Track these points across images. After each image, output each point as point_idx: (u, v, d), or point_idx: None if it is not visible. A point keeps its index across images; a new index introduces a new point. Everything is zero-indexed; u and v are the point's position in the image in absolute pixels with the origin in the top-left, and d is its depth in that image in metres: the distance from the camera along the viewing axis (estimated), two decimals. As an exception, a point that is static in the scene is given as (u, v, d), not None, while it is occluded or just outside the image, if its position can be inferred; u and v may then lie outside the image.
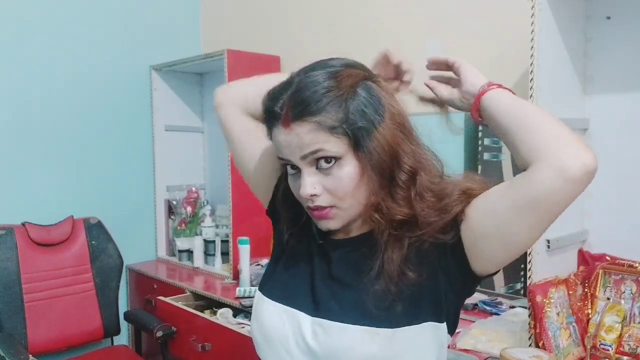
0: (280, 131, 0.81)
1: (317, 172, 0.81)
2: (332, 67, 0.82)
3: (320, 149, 0.79)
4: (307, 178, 0.81)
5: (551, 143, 0.73)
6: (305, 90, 0.80)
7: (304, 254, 0.94)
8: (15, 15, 2.46)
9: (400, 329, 0.81)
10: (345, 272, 0.88)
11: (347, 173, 0.80)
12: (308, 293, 0.89)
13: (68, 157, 2.64)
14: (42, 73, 2.54)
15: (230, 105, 1.03)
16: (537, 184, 0.72)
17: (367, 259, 0.85)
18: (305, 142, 0.79)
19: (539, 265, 1.46)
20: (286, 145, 0.81)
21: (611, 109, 1.58)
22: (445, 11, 1.99)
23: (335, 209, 0.83)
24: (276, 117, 0.82)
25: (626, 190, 1.56)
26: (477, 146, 1.82)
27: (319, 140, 0.79)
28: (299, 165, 0.82)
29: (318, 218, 0.84)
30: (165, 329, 2.19)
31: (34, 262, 2.34)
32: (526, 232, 0.76)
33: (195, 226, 2.85)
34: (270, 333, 0.89)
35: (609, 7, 1.56)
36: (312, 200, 0.82)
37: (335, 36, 2.37)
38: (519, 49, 1.53)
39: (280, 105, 0.81)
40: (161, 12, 2.94)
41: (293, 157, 0.81)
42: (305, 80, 0.81)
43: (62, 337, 2.36)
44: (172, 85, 2.95)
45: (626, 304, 1.48)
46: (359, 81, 0.82)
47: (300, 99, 0.79)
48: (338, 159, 0.80)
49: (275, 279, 0.96)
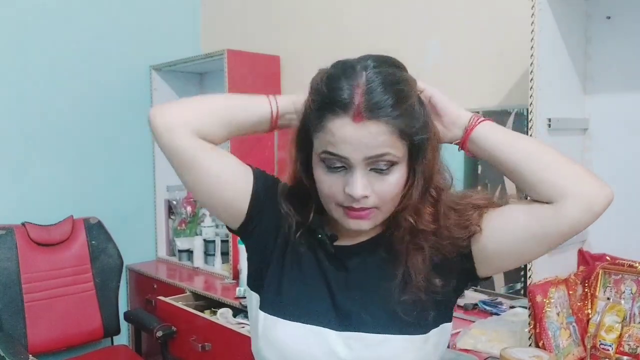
0: (346, 124, 0.74)
1: (369, 173, 0.77)
2: (397, 67, 0.80)
3: (388, 153, 0.76)
4: (361, 179, 0.76)
5: (574, 181, 0.80)
6: (386, 87, 0.75)
7: (310, 264, 0.88)
8: (16, 15, 2.46)
9: (430, 334, 0.85)
10: (367, 280, 0.86)
11: (397, 179, 0.78)
12: (330, 307, 0.85)
13: (68, 157, 2.64)
14: (42, 73, 2.54)
15: (182, 127, 0.86)
16: (565, 219, 0.79)
17: (388, 264, 0.85)
18: (376, 144, 0.75)
19: (539, 265, 1.46)
20: (350, 141, 0.74)
21: (611, 109, 1.58)
22: (445, 11, 1.99)
23: (376, 210, 0.80)
24: (343, 107, 0.74)
25: (626, 190, 1.56)
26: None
27: (389, 144, 0.75)
28: (354, 164, 0.76)
29: (354, 218, 0.80)
30: (165, 329, 2.19)
31: (34, 262, 2.34)
32: (541, 253, 0.85)
33: (195, 226, 2.85)
34: (293, 357, 0.83)
35: (609, 7, 1.56)
36: (358, 202, 0.77)
37: (336, 36, 2.37)
38: (519, 49, 1.53)
39: (351, 95, 0.74)
40: (161, 12, 2.94)
41: (354, 155, 0.75)
42: (380, 74, 0.76)
43: (62, 337, 2.36)
44: (172, 85, 2.94)
45: (626, 304, 1.48)
46: (415, 86, 0.81)
47: (382, 96, 0.74)
48: (396, 164, 0.78)
49: (282, 294, 0.87)
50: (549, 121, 1.46)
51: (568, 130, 1.56)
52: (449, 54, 1.93)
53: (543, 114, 1.44)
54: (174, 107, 0.89)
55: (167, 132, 0.86)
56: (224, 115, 0.89)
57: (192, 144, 0.86)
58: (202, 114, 0.88)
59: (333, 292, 0.85)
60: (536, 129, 1.43)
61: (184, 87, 2.99)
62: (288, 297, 0.87)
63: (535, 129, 1.43)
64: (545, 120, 1.45)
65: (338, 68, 0.79)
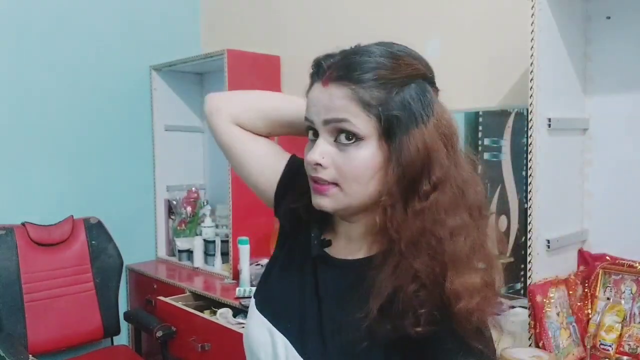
0: (316, 88, 0.77)
1: (334, 145, 0.76)
2: (397, 50, 0.78)
3: (345, 120, 0.74)
4: (321, 145, 0.76)
5: None
6: (357, 56, 0.75)
7: (299, 262, 0.88)
8: (15, 16, 2.46)
9: None
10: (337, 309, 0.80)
11: (363, 156, 0.74)
12: (295, 315, 0.83)
13: (68, 157, 2.64)
14: (42, 73, 2.54)
15: (224, 112, 0.95)
16: None
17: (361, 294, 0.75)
18: (335, 106, 0.74)
19: (539, 265, 1.46)
20: (315, 102, 0.77)
21: (611, 109, 1.58)
22: (445, 11, 1.99)
23: (336, 188, 0.76)
24: (319, 73, 0.78)
25: (626, 190, 1.56)
26: (477, 146, 1.82)
27: (349, 110, 0.73)
28: (318, 130, 0.77)
29: (315, 192, 0.78)
30: (165, 329, 2.19)
31: (34, 262, 2.34)
32: None
33: (195, 226, 2.85)
34: (252, 347, 0.87)
35: (609, 7, 1.56)
36: (315, 170, 0.76)
37: (336, 36, 2.37)
38: (519, 49, 1.53)
39: (329, 63, 0.77)
40: (161, 12, 2.94)
41: (316, 118, 0.77)
42: (362, 48, 0.77)
43: (62, 337, 2.36)
44: (172, 85, 2.95)
45: (626, 304, 1.48)
46: (417, 76, 0.77)
47: (349, 62, 0.75)
48: (360, 138, 0.74)
49: (268, 285, 0.92)
50: (549, 121, 1.46)
51: (568, 130, 1.56)
52: (448, 54, 1.93)
53: (543, 114, 1.44)
54: (226, 94, 1.03)
55: (211, 115, 0.97)
56: (262, 109, 0.95)
57: (228, 129, 0.95)
58: (244, 104, 0.95)
59: (304, 301, 0.84)
60: (536, 129, 1.43)
61: (184, 87, 2.99)
62: (271, 290, 0.90)
63: (535, 129, 1.43)
64: (545, 120, 1.45)
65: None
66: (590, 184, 1.62)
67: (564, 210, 1.57)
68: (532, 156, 1.44)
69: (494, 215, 1.75)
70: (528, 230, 1.46)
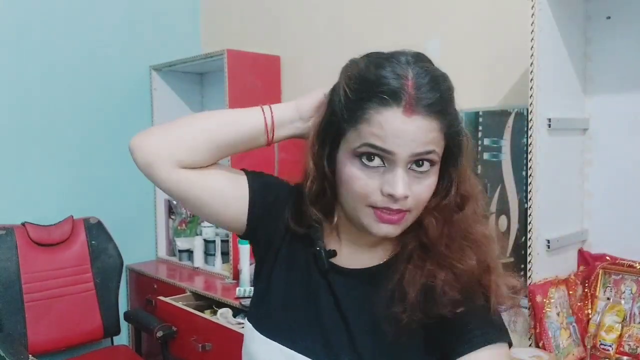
0: (396, 116, 0.68)
1: (408, 172, 0.71)
2: (434, 65, 0.75)
3: (434, 151, 0.71)
4: (404, 177, 0.70)
5: None
6: (435, 83, 0.70)
7: (301, 278, 0.84)
8: (15, 16, 2.46)
9: None
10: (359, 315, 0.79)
11: (433, 182, 0.73)
12: (318, 336, 0.79)
13: (68, 157, 2.64)
14: (42, 73, 2.54)
15: (162, 161, 0.81)
16: None
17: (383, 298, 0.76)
18: (425, 140, 0.69)
19: (539, 265, 1.46)
20: (399, 134, 0.68)
21: (611, 109, 1.58)
22: (445, 11, 1.99)
23: (409, 214, 0.73)
24: (394, 97, 0.68)
25: (626, 190, 1.56)
26: (477, 146, 1.82)
27: (436, 142, 0.71)
28: (397, 161, 0.70)
29: (385, 222, 0.73)
30: (166, 329, 2.19)
31: (34, 262, 2.34)
32: None
33: (195, 226, 2.85)
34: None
35: (609, 7, 1.56)
36: (396, 202, 0.71)
37: (336, 36, 2.37)
38: (519, 49, 1.53)
39: (401, 86, 0.69)
40: (161, 12, 2.94)
41: (400, 150, 0.69)
42: (427, 70, 0.71)
43: (62, 337, 2.36)
44: (172, 85, 2.94)
45: (626, 304, 1.48)
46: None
47: (436, 91, 0.70)
48: (435, 165, 0.73)
49: (268, 307, 0.85)
50: (549, 121, 1.46)
51: (568, 130, 1.56)
52: (449, 54, 1.93)
53: (543, 114, 1.45)
54: (153, 138, 0.82)
55: (147, 168, 0.81)
56: (208, 138, 0.81)
57: (173, 177, 0.81)
58: (182, 142, 0.80)
59: (322, 317, 0.80)
60: (536, 129, 1.43)
61: (184, 87, 2.99)
62: (270, 309, 0.85)
63: (535, 129, 1.43)
64: (545, 120, 1.45)
65: (382, 58, 0.73)
66: (590, 184, 1.62)
67: (564, 210, 1.57)
68: (532, 156, 1.44)
69: (494, 215, 1.75)
70: (528, 230, 1.46)
